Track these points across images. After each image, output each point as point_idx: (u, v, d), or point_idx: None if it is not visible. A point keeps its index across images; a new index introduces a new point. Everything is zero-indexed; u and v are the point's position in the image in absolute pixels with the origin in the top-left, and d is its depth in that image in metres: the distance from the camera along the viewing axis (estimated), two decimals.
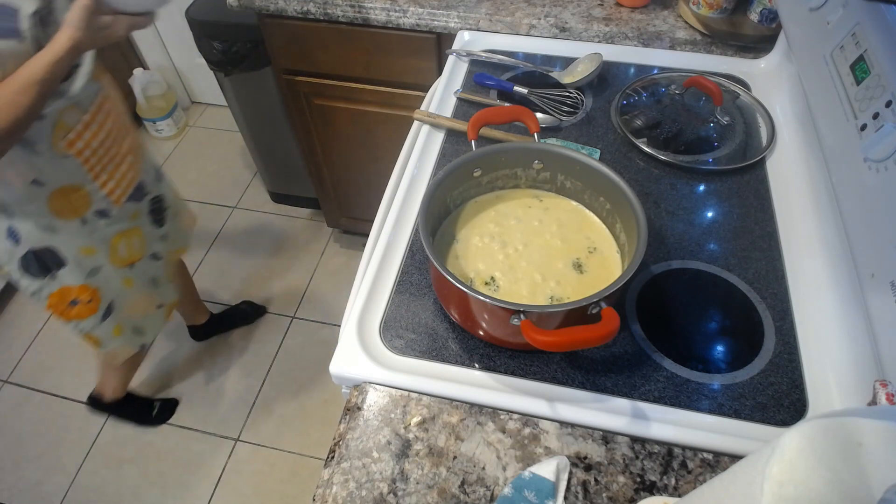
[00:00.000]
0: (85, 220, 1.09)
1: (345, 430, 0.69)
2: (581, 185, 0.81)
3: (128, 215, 1.18)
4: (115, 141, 1.08)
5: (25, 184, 0.97)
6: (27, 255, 1.06)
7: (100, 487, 1.64)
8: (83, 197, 1.06)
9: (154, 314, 1.39)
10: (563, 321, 0.66)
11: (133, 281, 1.26)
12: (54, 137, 0.95)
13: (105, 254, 1.17)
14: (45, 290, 1.13)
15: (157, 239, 1.31)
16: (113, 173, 1.10)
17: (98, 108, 1.02)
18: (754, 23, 1.14)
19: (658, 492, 0.63)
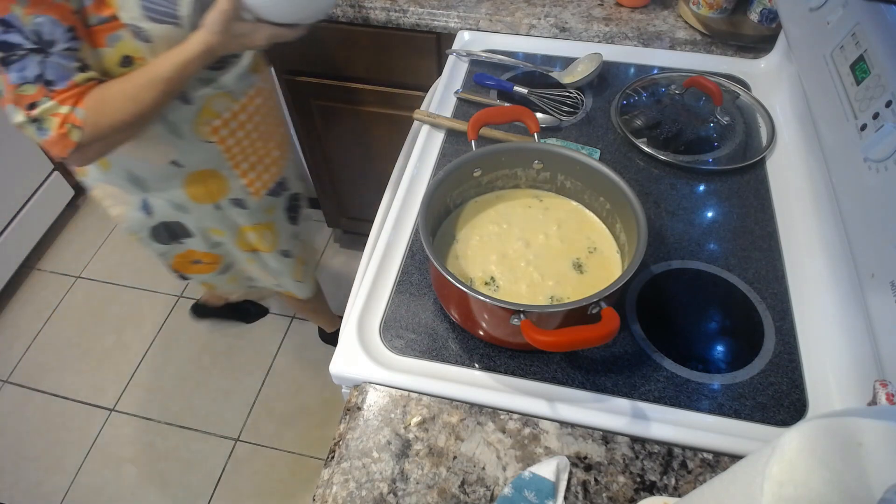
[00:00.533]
0: (219, 206, 1.09)
1: (345, 430, 0.69)
2: (581, 185, 0.81)
3: (264, 209, 1.16)
4: (263, 135, 1.06)
5: (165, 163, 0.97)
6: (158, 227, 1.09)
7: (100, 487, 1.64)
8: (221, 183, 1.05)
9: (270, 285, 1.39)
10: (563, 321, 0.66)
11: (255, 261, 1.26)
12: (198, 122, 0.94)
13: (233, 238, 1.17)
14: (172, 252, 1.17)
15: (290, 236, 1.28)
16: (255, 165, 1.08)
17: (250, 101, 1.00)
18: (754, 23, 1.14)
19: (658, 492, 0.63)
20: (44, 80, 0.73)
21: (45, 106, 0.73)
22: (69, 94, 0.74)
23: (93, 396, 1.81)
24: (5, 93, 0.74)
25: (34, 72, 0.72)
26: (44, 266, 2.14)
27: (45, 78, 0.73)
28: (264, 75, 1.03)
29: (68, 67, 0.74)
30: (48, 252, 2.17)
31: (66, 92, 0.74)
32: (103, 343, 1.93)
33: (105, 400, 1.80)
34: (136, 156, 0.94)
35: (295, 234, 1.30)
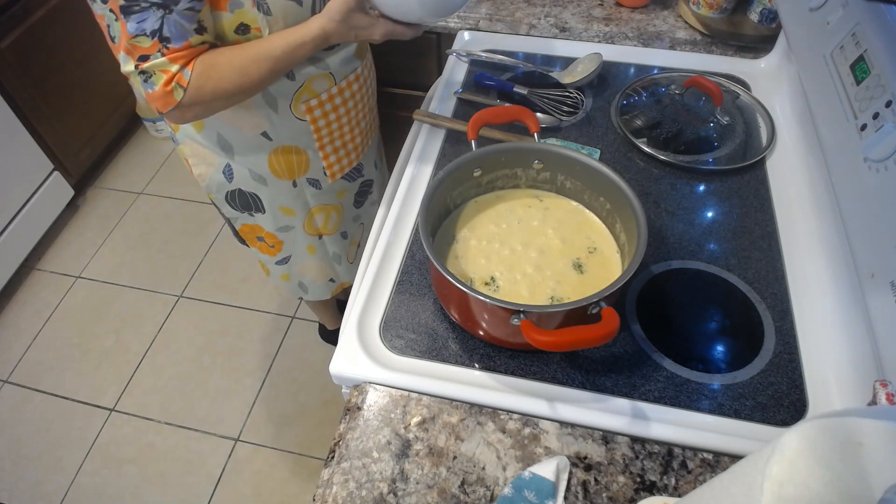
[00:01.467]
0: (295, 184, 1.09)
1: (345, 430, 0.69)
2: (581, 185, 0.81)
3: (336, 191, 1.17)
4: (352, 120, 1.06)
5: (255, 134, 0.97)
6: (234, 192, 1.10)
7: (100, 487, 1.64)
8: (303, 162, 1.05)
9: (322, 284, 1.39)
10: (563, 321, 0.66)
11: (316, 250, 1.27)
12: (297, 99, 0.94)
13: (301, 219, 1.17)
14: (241, 220, 1.17)
15: (352, 219, 1.28)
16: (338, 149, 1.08)
17: (348, 85, 0.99)
18: (754, 23, 1.14)
19: (658, 492, 0.63)
20: (160, 36, 0.73)
21: (157, 61, 0.74)
22: (182, 54, 0.75)
23: (93, 396, 1.81)
24: (121, 40, 0.74)
25: (153, 26, 0.72)
26: (44, 266, 2.14)
27: (163, 34, 0.73)
28: (366, 62, 1.03)
29: (186, 27, 0.74)
30: (48, 252, 2.17)
31: (180, 51, 0.75)
32: (103, 343, 1.93)
33: (105, 400, 1.80)
34: (230, 122, 0.95)
35: (356, 217, 1.30)
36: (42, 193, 2.06)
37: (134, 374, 1.85)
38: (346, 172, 1.15)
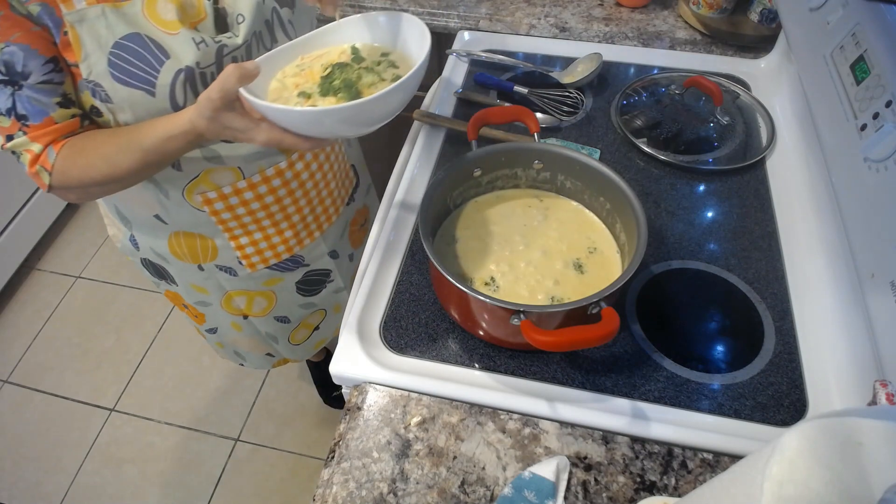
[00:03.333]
0: (202, 268, 0.97)
1: (345, 430, 0.69)
2: (581, 185, 0.81)
3: (262, 280, 1.01)
4: (276, 215, 0.92)
5: (149, 215, 0.89)
6: (145, 259, 1.01)
7: (100, 487, 1.64)
8: (209, 248, 0.93)
9: (260, 357, 1.25)
10: (563, 321, 0.66)
11: (243, 328, 1.13)
12: (189, 190, 0.83)
13: (218, 298, 1.05)
14: (162, 287, 1.08)
15: (297, 306, 1.11)
16: (257, 242, 0.94)
17: (265, 180, 0.86)
18: (754, 23, 1.14)
19: (658, 492, 0.63)
20: (16, 114, 0.67)
21: (18, 140, 0.68)
22: (43, 132, 0.68)
23: (93, 396, 1.81)
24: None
25: (5, 104, 0.66)
26: (44, 266, 2.14)
27: (17, 112, 0.67)
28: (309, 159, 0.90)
29: (44, 102, 0.67)
30: (48, 252, 2.17)
31: (41, 129, 0.68)
32: (103, 343, 1.93)
33: (105, 400, 1.80)
34: (121, 197, 0.86)
35: (307, 304, 1.13)
36: (42, 193, 2.06)
37: (134, 374, 1.85)
38: (272, 264, 0.99)
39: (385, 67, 0.67)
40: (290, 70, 0.69)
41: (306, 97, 0.65)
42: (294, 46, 0.69)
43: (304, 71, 0.68)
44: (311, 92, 0.65)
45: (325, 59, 0.69)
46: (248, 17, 0.72)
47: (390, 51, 0.70)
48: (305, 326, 1.19)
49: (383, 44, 0.71)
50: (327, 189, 0.97)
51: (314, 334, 1.22)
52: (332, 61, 0.68)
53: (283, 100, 0.66)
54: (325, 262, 1.07)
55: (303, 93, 0.65)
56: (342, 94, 0.63)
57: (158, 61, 0.68)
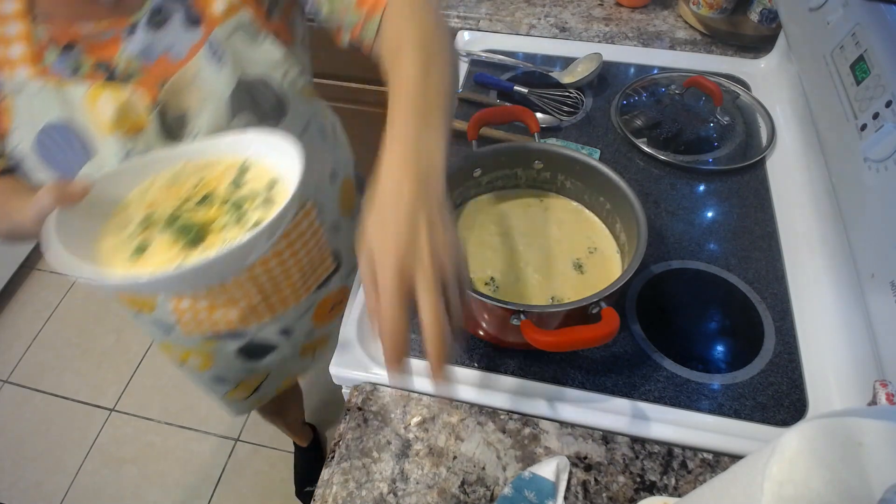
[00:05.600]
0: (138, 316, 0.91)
1: (345, 430, 0.69)
2: (581, 185, 0.81)
3: (197, 342, 0.94)
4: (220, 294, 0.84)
5: None
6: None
7: (100, 487, 1.64)
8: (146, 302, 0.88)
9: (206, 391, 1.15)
10: (563, 321, 0.66)
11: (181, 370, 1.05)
12: None
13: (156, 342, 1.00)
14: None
15: (236, 370, 1.02)
16: (198, 310, 0.87)
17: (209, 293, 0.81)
18: (754, 23, 1.14)
19: (658, 492, 0.63)
20: None
21: None
22: None
23: (93, 396, 1.81)
24: None
25: None
26: (44, 266, 2.14)
27: None
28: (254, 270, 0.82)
29: None
30: None
31: None
32: (103, 343, 1.93)
33: (105, 400, 1.80)
34: None
35: (249, 369, 1.02)
36: None
37: (134, 374, 1.85)
38: (208, 335, 0.90)
39: (258, 205, 0.58)
40: (165, 178, 0.62)
41: (145, 227, 0.58)
42: (179, 152, 0.63)
43: (175, 185, 0.62)
44: (156, 221, 0.58)
45: (207, 173, 0.62)
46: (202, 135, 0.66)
47: (279, 179, 0.61)
48: (244, 388, 1.09)
49: (275, 169, 0.61)
50: (287, 279, 0.87)
51: (253, 395, 1.12)
52: (210, 179, 0.61)
53: (124, 220, 0.59)
54: (273, 339, 0.97)
55: (147, 218, 0.58)
56: (180, 240, 0.56)
57: (81, 159, 0.63)
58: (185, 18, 0.64)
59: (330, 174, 0.90)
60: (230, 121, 0.66)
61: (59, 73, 0.61)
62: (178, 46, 0.64)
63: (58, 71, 0.61)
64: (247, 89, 0.66)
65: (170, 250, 0.55)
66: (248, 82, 0.66)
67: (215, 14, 0.64)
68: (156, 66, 0.63)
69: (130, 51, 0.62)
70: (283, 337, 0.98)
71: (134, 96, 0.62)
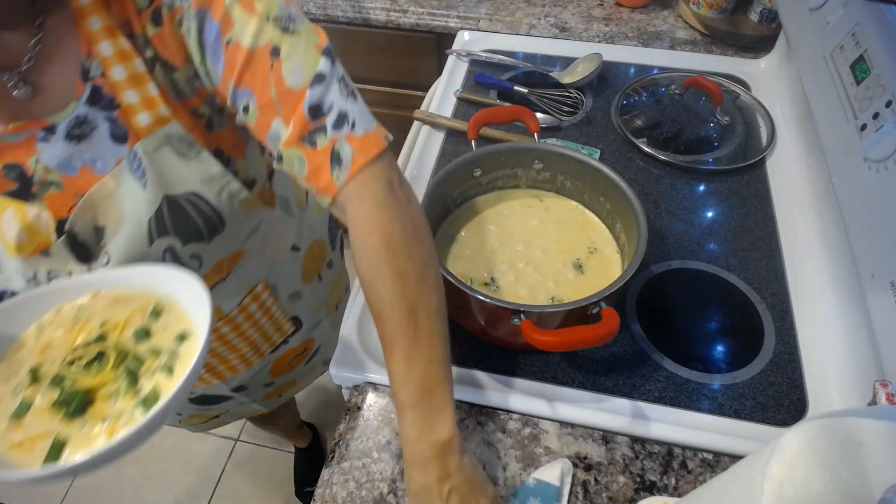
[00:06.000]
0: None
1: (345, 430, 0.69)
2: (581, 185, 0.81)
3: None
4: None
5: None
6: None
7: (100, 487, 1.64)
8: None
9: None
10: (563, 321, 0.66)
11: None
12: None
13: None
14: None
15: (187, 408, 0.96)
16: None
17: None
18: (754, 23, 1.14)
19: (658, 492, 0.63)
20: None
21: None
22: None
23: None
24: None
25: None
26: None
27: None
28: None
29: None
30: None
31: None
32: None
33: None
34: None
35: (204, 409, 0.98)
36: None
37: None
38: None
39: (158, 368, 0.52)
40: (68, 312, 0.56)
41: (32, 379, 0.52)
42: (87, 281, 0.57)
43: (77, 324, 0.55)
44: (44, 374, 0.52)
45: (114, 314, 0.56)
46: (115, 259, 0.60)
47: (190, 333, 0.54)
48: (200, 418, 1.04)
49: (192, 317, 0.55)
50: (234, 351, 0.82)
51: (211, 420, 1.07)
52: (115, 323, 0.55)
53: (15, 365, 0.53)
54: (225, 393, 0.93)
55: (35, 370, 0.52)
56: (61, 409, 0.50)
57: None
58: (110, 132, 0.57)
59: (291, 247, 0.84)
60: (150, 244, 0.60)
61: None
62: (103, 159, 0.57)
63: None
64: (173, 208, 0.60)
65: (50, 419, 0.49)
66: (176, 199, 0.59)
67: (139, 126, 0.57)
68: (78, 179, 0.57)
69: (48, 161, 0.55)
70: (238, 393, 0.94)
71: (42, 214, 0.56)
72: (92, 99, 0.55)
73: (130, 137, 0.57)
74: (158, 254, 0.61)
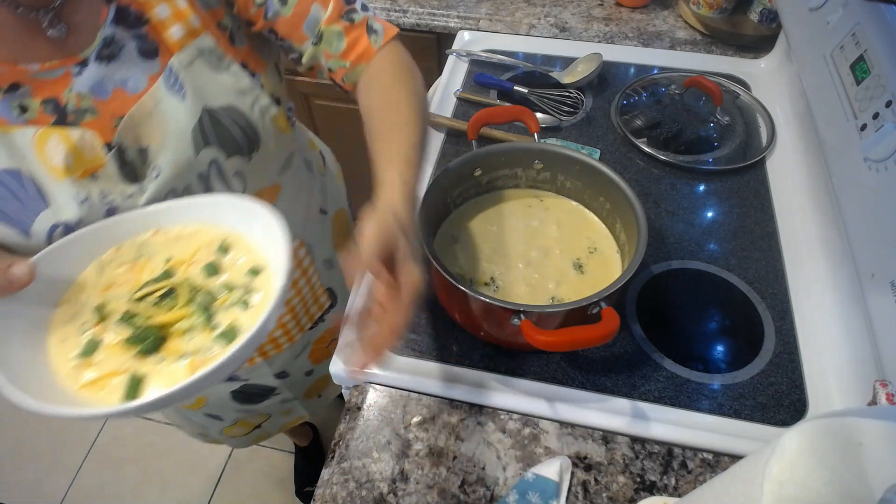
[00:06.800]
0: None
1: (345, 430, 0.69)
2: (581, 185, 0.81)
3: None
4: None
5: None
6: None
7: (100, 487, 1.64)
8: None
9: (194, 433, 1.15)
10: (563, 321, 0.66)
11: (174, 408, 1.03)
12: None
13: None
14: None
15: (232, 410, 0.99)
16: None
17: None
18: (754, 23, 1.14)
19: (658, 492, 0.63)
20: None
21: None
22: None
23: None
24: None
25: None
26: None
27: None
28: None
29: None
30: None
31: None
32: None
33: None
34: None
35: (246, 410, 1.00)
36: None
37: None
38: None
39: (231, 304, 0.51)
40: (128, 250, 0.55)
41: (99, 317, 0.50)
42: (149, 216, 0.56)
43: (139, 260, 0.54)
44: (111, 312, 0.51)
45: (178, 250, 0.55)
46: (165, 172, 0.61)
47: (263, 267, 0.53)
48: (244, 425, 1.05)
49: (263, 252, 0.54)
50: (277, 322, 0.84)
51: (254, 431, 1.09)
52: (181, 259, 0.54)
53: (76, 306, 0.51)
54: (269, 381, 0.95)
55: (100, 307, 0.51)
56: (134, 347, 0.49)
57: (36, 207, 0.57)
58: (139, 49, 0.59)
59: (319, 209, 0.86)
60: (196, 155, 0.61)
61: (4, 118, 0.56)
62: (134, 78, 0.58)
63: (2, 115, 0.56)
64: (213, 120, 0.62)
65: (122, 355, 0.48)
66: (214, 112, 0.62)
67: (172, 40, 0.58)
68: (111, 101, 0.58)
69: (80, 87, 0.57)
70: (280, 380, 0.95)
71: (86, 136, 0.57)
72: (118, 18, 0.57)
73: (162, 53, 0.59)
74: (204, 166, 0.62)
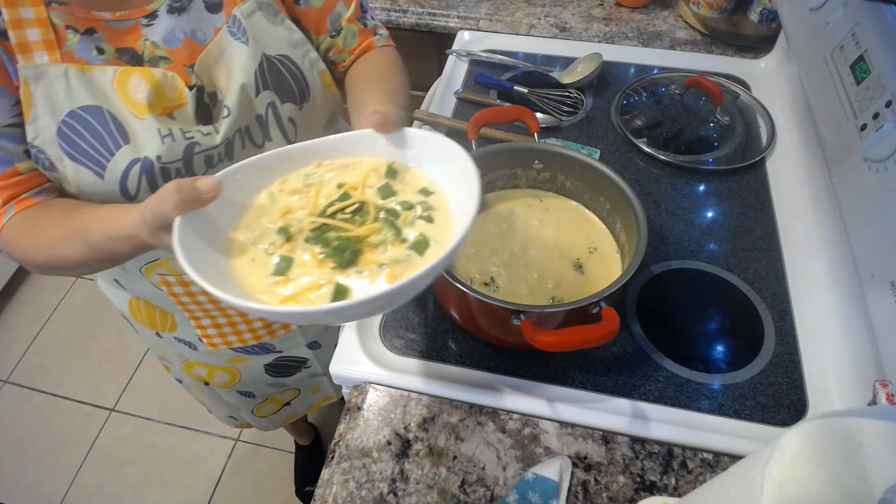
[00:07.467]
0: (160, 336, 0.91)
1: (345, 430, 0.69)
2: (581, 185, 0.81)
3: (224, 358, 0.94)
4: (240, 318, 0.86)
5: (109, 277, 0.83)
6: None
7: (100, 487, 1.64)
8: (168, 320, 0.87)
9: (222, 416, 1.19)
10: (563, 321, 0.66)
11: (204, 391, 1.07)
12: (148, 270, 0.76)
13: (178, 363, 0.98)
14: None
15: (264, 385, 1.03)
16: (220, 326, 0.86)
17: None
18: (754, 23, 1.14)
19: (658, 492, 0.63)
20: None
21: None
22: (4, 185, 0.60)
23: (93, 396, 1.81)
24: None
25: None
26: None
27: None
28: None
29: (9, 150, 0.59)
30: None
31: (2, 180, 0.60)
32: (103, 343, 1.93)
33: (105, 400, 1.80)
34: None
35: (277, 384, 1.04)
36: None
37: (134, 374, 1.85)
38: (236, 347, 0.90)
39: (413, 219, 0.52)
40: (295, 181, 0.55)
41: (285, 238, 0.50)
42: (310, 149, 0.56)
43: (310, 187, 0.54)
44: (295, 233, 0.51)
45: (346, 176, 0.55)
46: (233, 110, 0.64)
47: (434, 190, 0.54)
48: (274, 402, 1.08)
49: (427, 175, 0.55)
50: None
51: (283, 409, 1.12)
52: (351, 185, 0.54)
53: (256, 230, 0.52)
54: (301, 352, 0.97)
55: (284, 229, 0.51)
56: (331, 259, 0.48)
57: (115, 144, 0.59)
58: (205, 3, 0.66)
59: None
60: (256, 95, 0.66)
61: (84, 58, 0.59)
62: (202, 30, 0.65)
63: (81, 56, 0.59)
64: (270, 66, 0.67)
65: (318, 269, 0.48)
66: (271, 59, 0.67)
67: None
68: (182, 49, 0.64)
69: (154, 37, 0.63)
70: (312, 351, 0.99)
71: (168, 76, 0.62)
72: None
73: (226, 5, 0.66)
74: (263, 107, 0.67)
